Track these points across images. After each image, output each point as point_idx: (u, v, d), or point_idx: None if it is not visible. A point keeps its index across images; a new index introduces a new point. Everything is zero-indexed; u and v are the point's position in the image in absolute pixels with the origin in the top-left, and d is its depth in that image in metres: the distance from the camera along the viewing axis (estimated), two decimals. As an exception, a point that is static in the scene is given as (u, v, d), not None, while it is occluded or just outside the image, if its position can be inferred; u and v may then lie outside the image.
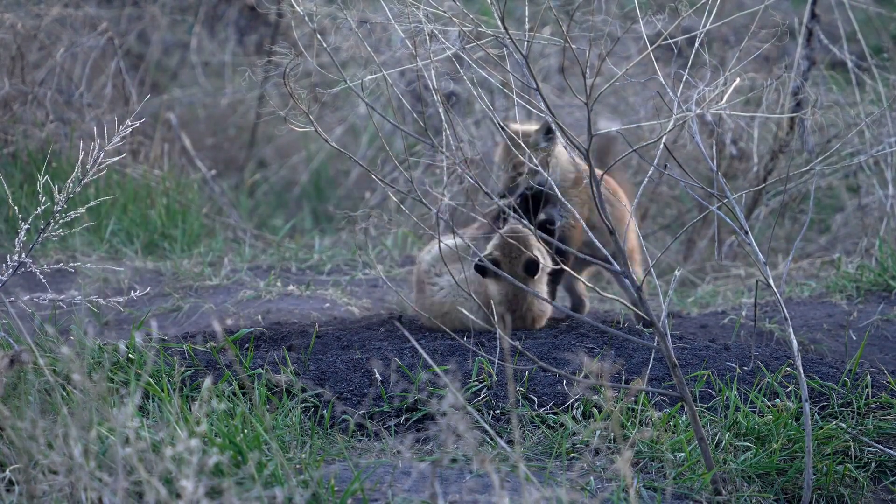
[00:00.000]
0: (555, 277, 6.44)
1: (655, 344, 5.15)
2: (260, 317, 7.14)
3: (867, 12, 9.20)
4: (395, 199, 5.46)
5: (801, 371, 4.95)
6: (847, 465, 5.19)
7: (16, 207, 5.78)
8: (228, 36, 11.61)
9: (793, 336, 4.95)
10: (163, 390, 5.26)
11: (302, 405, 5.43)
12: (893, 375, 5.76)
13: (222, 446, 4.57)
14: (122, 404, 4.46)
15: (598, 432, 5.21)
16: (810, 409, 5.49)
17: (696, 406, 5.43)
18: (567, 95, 9.35)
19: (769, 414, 5.35)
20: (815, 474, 5.10)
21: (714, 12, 5.17)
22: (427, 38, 5.20)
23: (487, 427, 4.92)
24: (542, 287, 6.25)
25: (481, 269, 6.09)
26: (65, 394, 4.83)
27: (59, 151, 8.87)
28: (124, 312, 7.15)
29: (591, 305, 7.28)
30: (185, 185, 9.01)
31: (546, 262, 6.25)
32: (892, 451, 5.26)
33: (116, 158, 6.00)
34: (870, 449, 5.28)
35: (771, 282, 4.96)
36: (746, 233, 4.97)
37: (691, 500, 4.92)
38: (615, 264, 4.99)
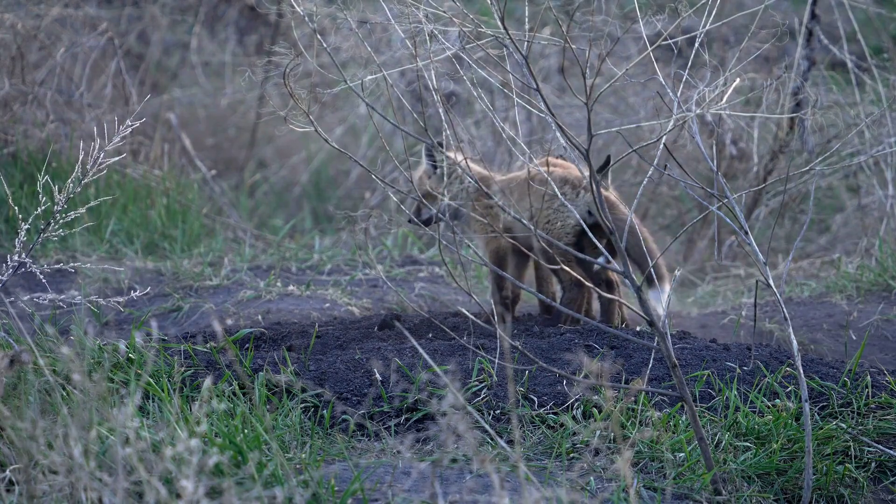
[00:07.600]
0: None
1: (655, 344, 5.14)
2: (260, 317, 7.13)
3: (867, 12, 9.20)
4: (395, 199, 5.45)
5: (801, 371, 4.94)
6: (847, 465, 5.19)
7: (16, 207, 5.77)
8: (228, 36, 11.61)
9: (793, 336, 4.94)
10: (163, 390, 5.25)
11: (302, 405, 5.43)
12: (893, 375, 5.76)
13: (222, 446, 4.57)
14: (122, 404, 4.46)
15: (598, 432, 5.21)
16: (810, 409, 5.49)
17: (696, 406, 5.42)
18: (567, 95, 9.36)
19: (769, 414, 5.35)
20: (815, 474, 5.10)
21: (714, 12, 5.17)
22: (427, 38, 5.20)
23: (487, 427, 4.92)
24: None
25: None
26: (65, 394, 4.83)
27: (59, 151, 8.86)
28: (124, 312, 7.15)
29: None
30: (185, 185, 9.01)
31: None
32: (892, 451, 5.26)
33: (116, 158, 6.00)
34: (870, 449, 5.28)
35: (771, 282, 4.96)
36: (746, 233, 4.97)
37: (691, 500, 4.92)
38: (615, 264, 4.99)
